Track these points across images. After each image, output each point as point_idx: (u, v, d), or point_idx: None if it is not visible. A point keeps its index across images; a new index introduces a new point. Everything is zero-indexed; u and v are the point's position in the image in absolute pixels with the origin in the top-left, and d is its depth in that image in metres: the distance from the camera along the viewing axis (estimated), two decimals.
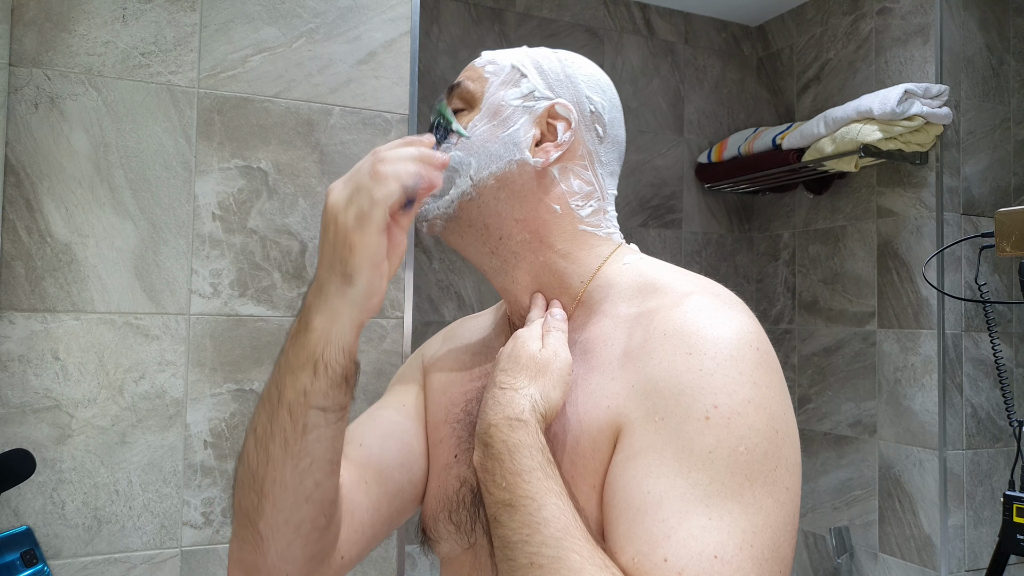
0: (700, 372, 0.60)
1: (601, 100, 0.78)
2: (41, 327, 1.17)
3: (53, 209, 1.18)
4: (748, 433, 0.58)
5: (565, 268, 0.74)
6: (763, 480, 0.57)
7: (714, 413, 0.58)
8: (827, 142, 2.04)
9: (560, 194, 0.75)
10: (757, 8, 2.54)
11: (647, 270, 0.72)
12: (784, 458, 0.59)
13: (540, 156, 0.74)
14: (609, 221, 0.79)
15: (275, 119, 1.32)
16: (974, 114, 2.04)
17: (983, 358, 2.00)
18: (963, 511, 1.97)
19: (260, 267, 1.30)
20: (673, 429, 0.59)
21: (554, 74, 0.77)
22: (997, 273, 2.02)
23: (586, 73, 0.79)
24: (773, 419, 0.59)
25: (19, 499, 1.15)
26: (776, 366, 0.63)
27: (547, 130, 0.75)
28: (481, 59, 0.80)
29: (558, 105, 0.75)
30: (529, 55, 0.78)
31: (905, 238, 2.06)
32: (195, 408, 1.25)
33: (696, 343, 0.61)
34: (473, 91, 0.77)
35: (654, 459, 0.58)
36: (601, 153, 0.78)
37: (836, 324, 2.29)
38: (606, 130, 0.78)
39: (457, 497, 0.74)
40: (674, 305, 0.65)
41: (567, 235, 0.75)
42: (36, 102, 1.17)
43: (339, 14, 1.36)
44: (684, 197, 2.56)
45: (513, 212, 0.74)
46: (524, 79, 0.76)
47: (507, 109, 0.75)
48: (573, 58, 0.79)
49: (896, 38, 2.11)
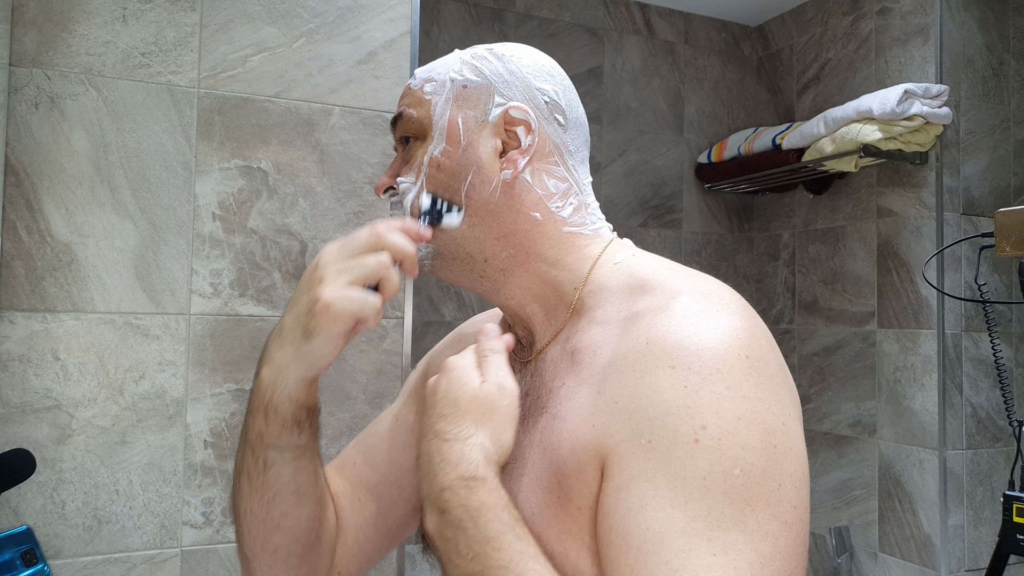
0: (685, 389, 0.55)
1: (553, 87, 0.73)
2: (41, 327, 1.17)
3: (53, 209, 1.18)
4: (742, 453, 0.54)
5: (557, 276, 0.71)
6: (765, 502, 0.53)
7: (703, 435, 0.54)
8: (827, 142, 2.04)
9: (537, 200, 0.71)
10: (757, 8, 2.55)
11: (639, 268, 0.69)
12: (788, 474, 0.55)
13: (508, 167, 0.70)
14: (593, 215, 0.75)
15: (275, 119, 1.32)
16: (974, 114, 2.04)
17: (983, 358, 2.00)
18: (963, 511, 1.97)
19: (260, 267, 1.30)
20: (662, 454, 0.55)
21: (497, 75, 0.72)
22: (997, 273, 2.02)
23: (529, 63, 0.73)
24: (769, 434, 0.55)
25: (19, 499, 1.15)
26: (772, 372, 0.58)
27: (508, 138, 0.71)
28: (416, 79, 0.74)
29: (512, 109, 0.70)
30: (465, 61, 0.73)
31: (905, 238, 2.07)
32: (195, 408, 1.25)
33: (679, 355, 0.57)
34: (419, 118, 0.72)
35: (647, 488, 0.54)
36: (568, 142, 0.74)
37: (836, 324, 2.29)
38: (566, 116, 0.73)
39: None
40: (660, 309, 0.61)
41: (553, 241, 0.71)
42: (36, 102, 1.18)
43: (339, 14, 1.36)
44: (684, 197, 2.56)
45: (492, 232, 0.70)
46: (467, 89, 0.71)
47: (460, 128, 0.70)
48: (512, 50, 0.74)
49: (896, 38, 2.11)
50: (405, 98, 0.74)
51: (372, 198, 1.38)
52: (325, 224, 1.35)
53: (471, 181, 0.69)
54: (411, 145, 0.72)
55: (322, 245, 1.35)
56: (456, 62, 0.73)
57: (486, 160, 0.70)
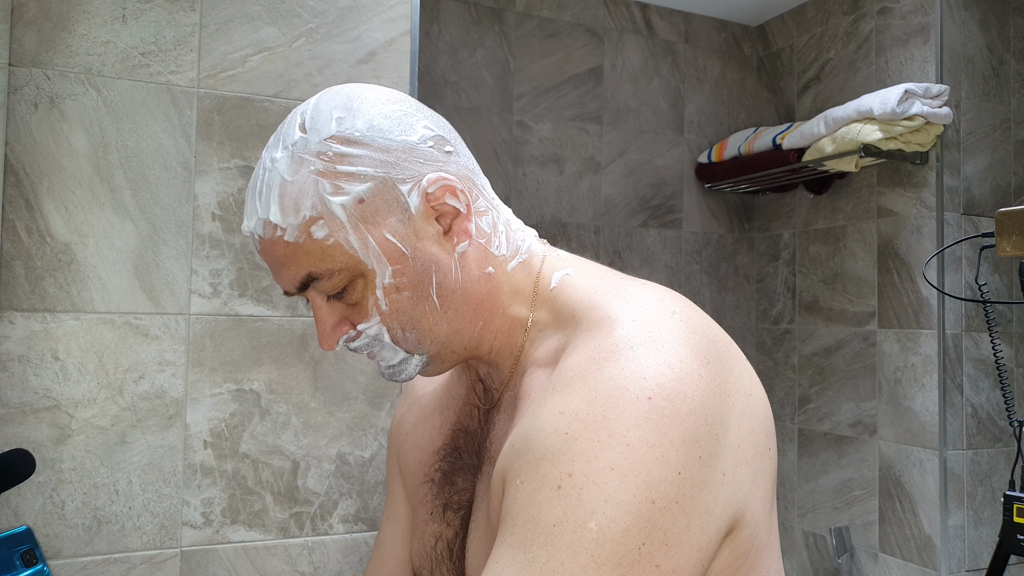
0: (566, 436, 0.52)
1: (423, 124, 0.64)
2: (41, 327, 1.17)
3: (53, 209, 1.18)
4: (603, 507, 0.49)
5: (512, 323, 0.67)
6: (616, 561, 0.49)
7: (567, 482, 0.50)
8: (827, 142, 2.04)
9: (483, 254, 0.65)
10: (757, 8, 2.54)
11: (571, 295, 0.64)
12: (660, 531, 0.50)
13: (460, 239, 0.64)
14: (516, 232, 0.69)
15: (275, 119, 1.32)
16: (974, 114, 2.04)
17: (983, 358, 2.00)
18: (963, 511, 1.97)
19: (260, 266, 1.30)
20: (527, 496, 0.52)
21: (377, 163, 0.60)
22: (997, 273, 2.02)
23: (382, 121, 0.62)
24: (649, 487, 0.50)
25: (19, 499, 1.15)
26: (688, 409, 0.52)
27: (440, 212, 0.63)
28: (286, 230, 0.60)
29: (428, 186, 0.62)
30: (329, 172, 0.59)
31: (905, 238, 2.06)
32: (195, 408, 1.25)
33: (570, 401, 0.53)
34: (340, 268, 0.61)
35: (508, 527, 0.53)
36: (466, 163, 0.66)
37: (836, 324, 2.28)
38: (448, 139, 0.65)
39: (435, 553, 0.72)
40: (581, 349, 0.57)
41: (505, 288, 0.67)
42: (36, 102, 1.17)
43: (339, 14, 1.36)
44: (684, 197, 2.56)
45: (467, 314, 0.65)
46: (366, 203, 0.60)
47: (395, 241, 0.61)
48: (357, 123, 0.61)
49: (896, 38, 2.11)
50: (291, 258, 0.61)
51: None
52: None
53: (436, 280, 0.63)
54: (347, 291, 0.62)
55: None
56: (317, 182, 0.60)
57: (438, 251, 0.63)
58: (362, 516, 1.35)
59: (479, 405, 0.72)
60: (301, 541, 1.31)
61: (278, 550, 1.29)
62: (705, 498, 0.52)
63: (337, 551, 1.33)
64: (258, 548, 1.28)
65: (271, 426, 1.30)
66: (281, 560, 1.29)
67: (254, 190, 0.62)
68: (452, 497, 0.71)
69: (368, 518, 1.35)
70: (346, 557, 1.34)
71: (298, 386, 1.32)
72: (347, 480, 1.34)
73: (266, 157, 0.62)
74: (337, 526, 1.33)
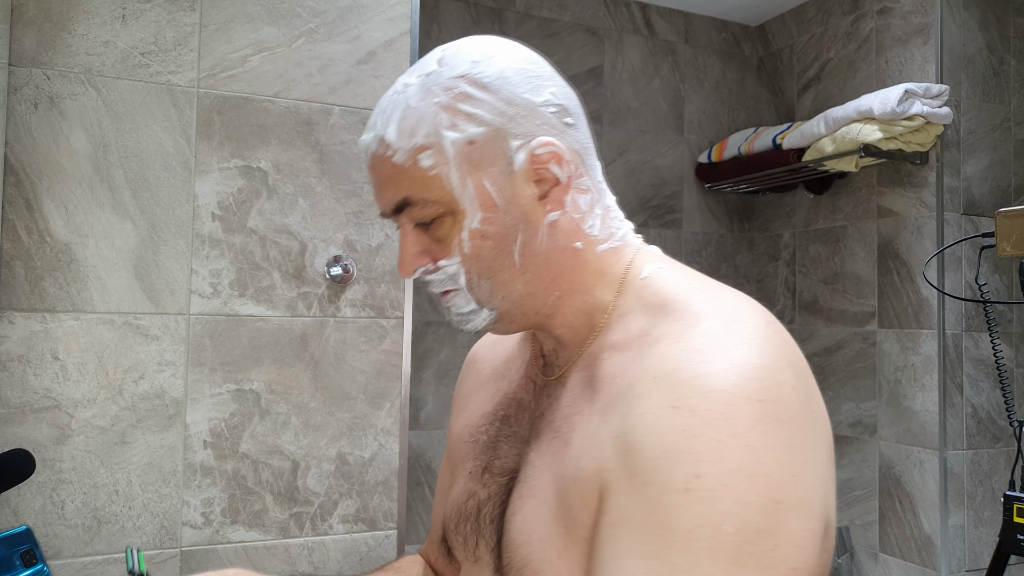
0: (685, 432, 0.52)
1: (551, 90, 0.65)
2: (41, 327, 1.17)
3: (53, 209, 1.18)
4: (735, 508, 0.50)
5: (592, 303, 0.67)
6: (755, 564, 0.49)
7: (696, 484, 0.50)
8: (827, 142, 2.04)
9: (575, 228, 0.66)
10: (757, 8, 2.54)
11: (663, 286, 0.64)
12: (789, 532, 0.51)
13: (554, 208, 0.64)
14: (615, 218, 0.69)
15: (275, 119, 1.32)
16: (974, 114, 2.04)
17: (983, 358, 2.00)
18: (963, 511, 1.97)
19: (260, 267, 1.30)
20: (653, 499, 0.52)
21: (499, 113, 0.62)
22: (997, 273, 2.01)
23: (516, 77, 0.63)
24: (772, 487, 0.51)
25: (19, 499, 1.14)
26: (789, 416, 0.53)
27: (540, 176, 0.63)
28: (398, 149, 0.62)
29: (537, 148, 0.62)
30: (449, 107, 0.61)
31: (905, 238, 2.06)
32: (195, 408, 1.25)
33: (684, 395, 0.53)
34: (435, 199, 0.62)
35: (635, 533, 0.52)
36: (582, 140, 0.67)
37: (836, 324, 2.28)
38: (571, 112, 0.66)
39: (465, 509, 0.73)
40: (675, 338, 0.57)
41: (591, 268, 0.67)
42: (36, 102, 1.17)
43: (339, 14, 1.36)
44: (684, 197, 2.56)
45: (544, 281, 0.65)
46: (475, 145, 0.61)
47: (491, 191, 0.62)
48: (492, 68, 0.63)
49: (896, 38, 2.11)
50: (393, 179, 0.63)
51: (371, 198, 1.37)
52: (324, 224, 1.35)
53: (522, 240, 0.63)
54: (436, 225, 0.64)
55: (321, 245, 1.35)
56: (437, 113, 0.62)
57: (530, 212, 0.63)
58: (362, 516, 1.35)
59: (535, 379, 0.73)
60: (301, 541, 1.31)
61: (278, 550, 1.29)
62: (814, 501, 0.53)
63: (337, 551, 1.33)
64: (258, 548, 1.28)
65: (271, 426, 1.30)
66: (281, 560, 1.29)
67: (382, 107, 0.65)
68: (494, 462, 0.72)
69: (368, 518, 1.35)
70: (346, 557, 1.34)
71: (298, 386, 1.32)
72: (347, 480, 1.34)
73: (400, 82, 0.65)
74: (337, 526, 1.33)
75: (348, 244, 1.36)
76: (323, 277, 1.34)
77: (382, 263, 1.38)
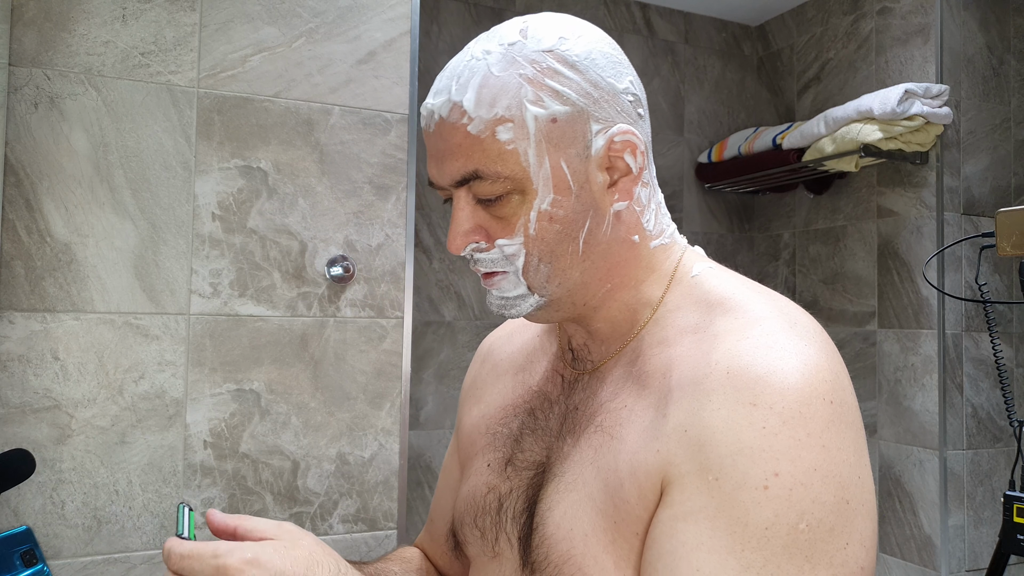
0: (763, 431, 0.52)
1: (630, 78, 0.64)
2: (41, 327, 1.17)
3: (53, 209, 1.18)
4: (811, 507, 0.50)
5: (638, 300, 0.66)
6: (828, 562, 0.50)
7: (774, 482, 0.51)
8: (827, 142, 2.04)
9: (635, 221, 0.65)
10: (757, 8, 2.54)
11: (716, 284, 0.63)
12: (857, 532, 0.52)
13: (622, 199, 0.63)
14: (665, 214, 0.68)
15: (275, 119, 1.32)
16: (974, 114, 2.04)
17: (983, 358, 2.00)
18: (963, 511, 1.97)
19: (260, 267, 1.30)
20: (728, 494, 0.52)
21: (585, 95, 0.60)
22: (997, 273, 2.02)
23: (603, 61, 0.62)
24: (843, 488, 0.52)
25: (19, 499, 1.15)
26: (851, 418, 0.54)
27: (613, 163, 0.62)
28: (474, 119, 0.59)
29: (617, 135, 0.61)
30: (536, 81, 0.59)
31: (905, 238, 2.06)
32: (195, 408, 1.25)
33: (762, 392, 0.53)
34: (509, 176, 0.59)
35: (705, 528, 0.52)
36: (649, 134, 0.67)
37: (836, 324, 2.28)
38: (644, 104, 0.65)
39: (484, 503, 0.72)
40: (742, 334, 0.57)
41: (643, 263, 0.66)
42: (36, 102, 1.17)
43: (339, 14, 1.36)
44: (684, 197, 2.56)
45: (600, 271, 0.64)
46: (558, 124, 0.59)
47: (567, 172, 0.60)
48: (580, 47, 0.61)
49: (896, 38, 2.11)
50: (464, 149, 0.59)
51: (372, 198, 1.38)
52: (325, 224, 1.35)
53: (588, 227, 0.62)
54: (501, 202, 0.61)
55: (322, 245, 1.35)
56: (522, 85, 0.59)
57: (600, 199, 0.62)
58: (362, 516, 1.35)
59: (564, 373, 0.72)
60: None
61: None
62: (873, 503, 0.55)
63: (337, 551, 1.33)
64: None
65: (271, 426, 1.30)
66: None
67: (455, 72, 0.61)
68: (517, 455, 0.71)
69: (368, 518, 1.35)
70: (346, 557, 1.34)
71: (298, 386, 1.32)
72: (347, 480, 1.34)
73: (475, 48, 0.62)
74: (337, 526, 1.33)
75: (348, 244, 1.36)
76: (323, 277, 1.34)
77: (382, 263, 1.38)
